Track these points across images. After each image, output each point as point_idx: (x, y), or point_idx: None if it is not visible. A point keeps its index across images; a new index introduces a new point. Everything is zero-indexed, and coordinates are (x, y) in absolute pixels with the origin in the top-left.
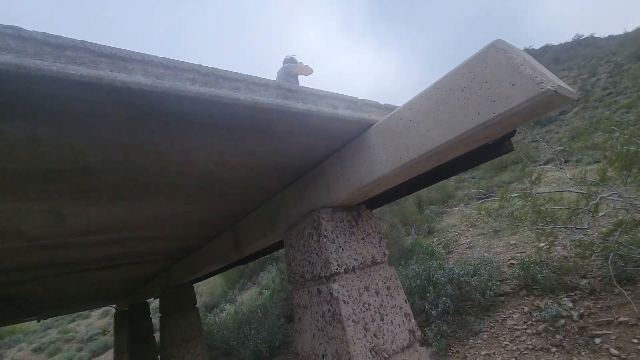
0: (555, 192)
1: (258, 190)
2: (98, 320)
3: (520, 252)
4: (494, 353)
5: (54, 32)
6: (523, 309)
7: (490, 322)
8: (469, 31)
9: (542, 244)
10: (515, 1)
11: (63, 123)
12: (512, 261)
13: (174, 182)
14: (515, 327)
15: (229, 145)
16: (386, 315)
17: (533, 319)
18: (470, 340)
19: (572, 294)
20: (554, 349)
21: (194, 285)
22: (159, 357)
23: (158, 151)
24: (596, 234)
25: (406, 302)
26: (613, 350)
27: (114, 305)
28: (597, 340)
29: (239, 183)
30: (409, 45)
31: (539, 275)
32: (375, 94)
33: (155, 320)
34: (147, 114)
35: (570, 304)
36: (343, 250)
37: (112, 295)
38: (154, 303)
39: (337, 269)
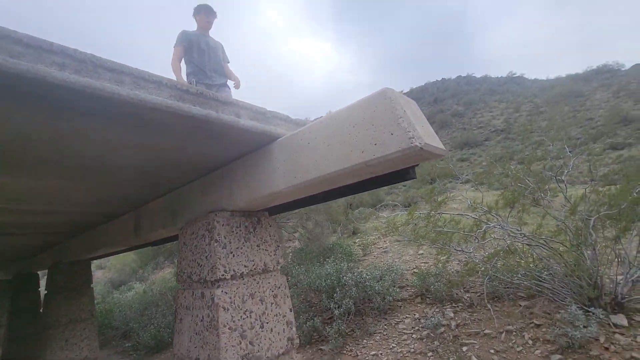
0: (455, 215)
1: (159, 180)
2: None
3: (424, 262)
4: (381, 354)
5: None
6: (414, 315)
7: (385, 325)
8: (421, 41)
9: (441, 257)
10: (464, 24)
11: None
12: (415, 270)
13: (48, 159)
14: (405, 331)
15: (114, 134)
16: (267, 323)
17: (420, 325)
18: (364, 340)
19: (455, 305)
20: (430, 354)
21: (92, 261)
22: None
23: (24, 130)
24: (481, 256)
25: (290, 311)
26: (474, 359)
27: None
28: (465, 349)
29: (134, 170)
30: (365, 44)
31: (433, 286)
32: (328, 85)
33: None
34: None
35: (452, 314)
36: (234, 256)
37: None
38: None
39: (223, 275)
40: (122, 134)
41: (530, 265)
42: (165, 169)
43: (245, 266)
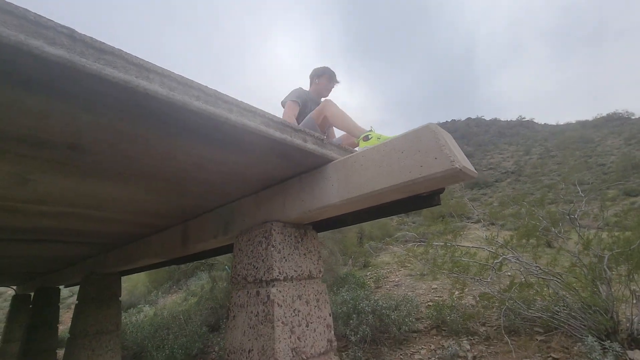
0: (472, 247)
1: (220, 194)
2: None
3: (438, 296)
4: None
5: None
6: (430, 346)
7: (401, 355)
8: (429, 84)
9: (456, 292)
10: (471, 69)
11: (80, 107)
12: (429, 303)
13: (148, 171)
14: None
15: (209, 151)
16: (311, 323)
17: (437, 356)
18: None
19: (472, 338)
20: None
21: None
22: (61, 351)
23: (147, 143)
24: (497, 288)
25: (330, 315)
26: None
27: (14, 287)
28: None
29: (206, 185)
30: (374, 85)
31: (449, 318)
32: None
33: (64, 310)
34: (148, 114)
35: (468, 347)
36: (286, 260)
37: (16, 276)
38: (64, 292)
39: (277, 276)
40: (216, 151)
41: (547, 298)
42: (231, 183)
43: (294, 270)
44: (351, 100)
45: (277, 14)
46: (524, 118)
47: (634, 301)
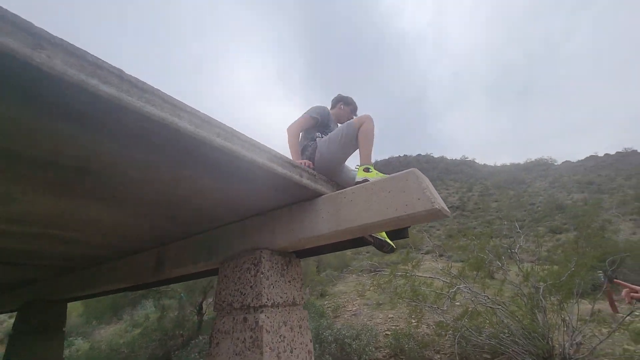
0: (429, 277)
1: (208, 220)
2: None
3: (395, 325)
4: None
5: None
6: None
7: None
8: (385, 120)
9: (413, 321)
10: (425, 109)
11: (105, 135)
12: (387, 332)
13: (146, 195)
14: None
15: (218, 183)
16: (295, 349)
17: None
18: None
19: None
20: None
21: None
22: None
23: (158, 171)
24: (451, 317)
25: (311, 342)
26: None
27: None
28: None
29: (197, 211)
30: None
31: (407, 346)
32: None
33: None
34: (170, 146)
35: None
36: (274, 287)
37: None
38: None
39: (266, 302)
40: (221, 181)
41: (495, 326)
42: (221, 210)
43: (280, 297)
44: None
45: (234, 37)
46: (467, 158)
47: (564, 328)
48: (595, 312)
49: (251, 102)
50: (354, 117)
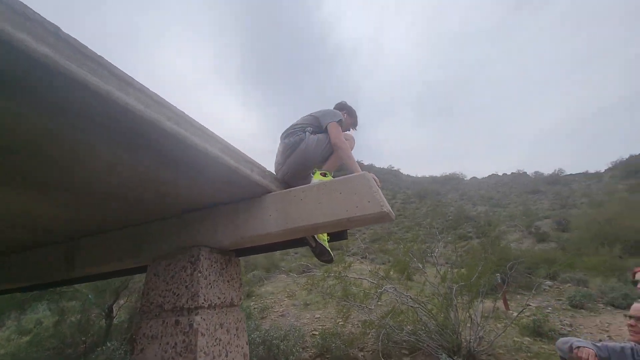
0: (359, 278)
1: (141, 213)
2: None
3: (322, 325)
4: None
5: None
6: None
7: None
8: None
9: (340, 321)
10: (359, 116)
11: (37, 109)
12: (314, 332)
13: (73, 184)
14: None
15: (164, 173)
16: (230, 352)
17: None
18: None
19: None
20: None
21: None
22: None
23: (92, 154)
24: (376, 315)
25: (247, 344)
26: None
27: None
28: None
29: (130, 202)
30: (268, 113)
31: (333, 345)
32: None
33: None
34: (108, 126)
35: None
36: (212, 287)
37: None
38: None
39: (202, 303)
40: (167, 171)
41: (415, 323)
42: (158, 203)
43: (218, 297)
44: (245, 125)
45: (177, 19)
46: (393, 167)
47: (469, 325)
48: (495, 309)
49: (194, 89)
50: (348, 132)
